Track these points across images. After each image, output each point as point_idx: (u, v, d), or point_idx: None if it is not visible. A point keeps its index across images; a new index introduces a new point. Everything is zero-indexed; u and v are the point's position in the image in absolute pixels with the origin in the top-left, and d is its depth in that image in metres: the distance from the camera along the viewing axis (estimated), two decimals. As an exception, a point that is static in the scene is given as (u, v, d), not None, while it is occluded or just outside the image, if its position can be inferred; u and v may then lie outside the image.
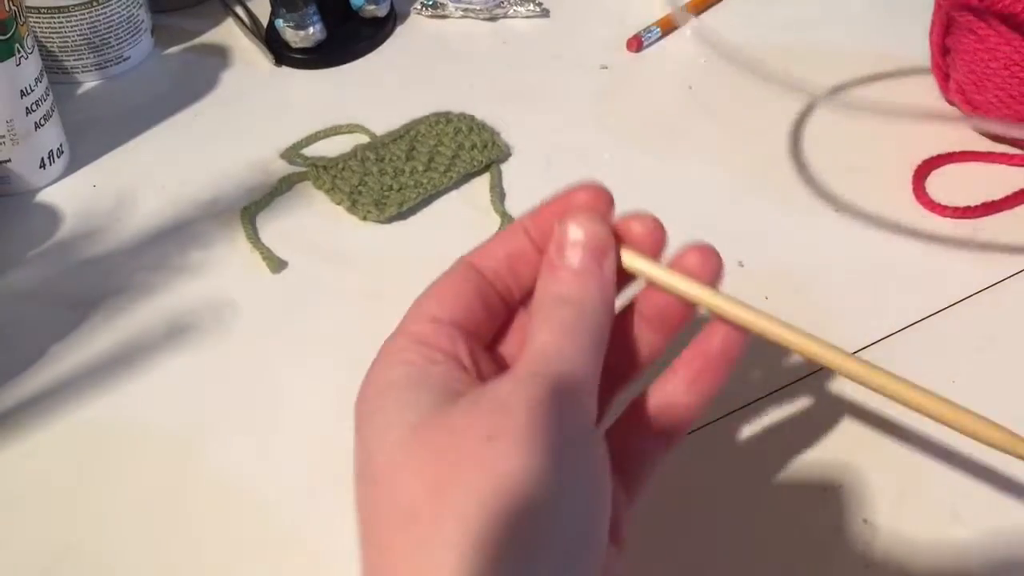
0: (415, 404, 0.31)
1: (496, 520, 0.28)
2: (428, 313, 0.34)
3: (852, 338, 0.50)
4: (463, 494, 0.28)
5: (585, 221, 0.34)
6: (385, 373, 0.33)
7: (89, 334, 0.51)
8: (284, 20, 0.67)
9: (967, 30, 0.57)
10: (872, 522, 0.43)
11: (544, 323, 0.33)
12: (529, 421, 0.29)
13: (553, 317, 0.33)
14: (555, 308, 0.33)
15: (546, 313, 0.33)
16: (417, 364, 0.33)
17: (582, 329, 0.32)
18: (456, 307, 0.34)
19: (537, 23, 0.72)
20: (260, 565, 0.42)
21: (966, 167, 0.59)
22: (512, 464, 0.29)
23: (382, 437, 0.31)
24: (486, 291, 0.35)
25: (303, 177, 0.59)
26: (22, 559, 0.43)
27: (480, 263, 0.36)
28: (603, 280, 0.34)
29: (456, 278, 0.35)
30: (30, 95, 0.57)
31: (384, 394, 0.32)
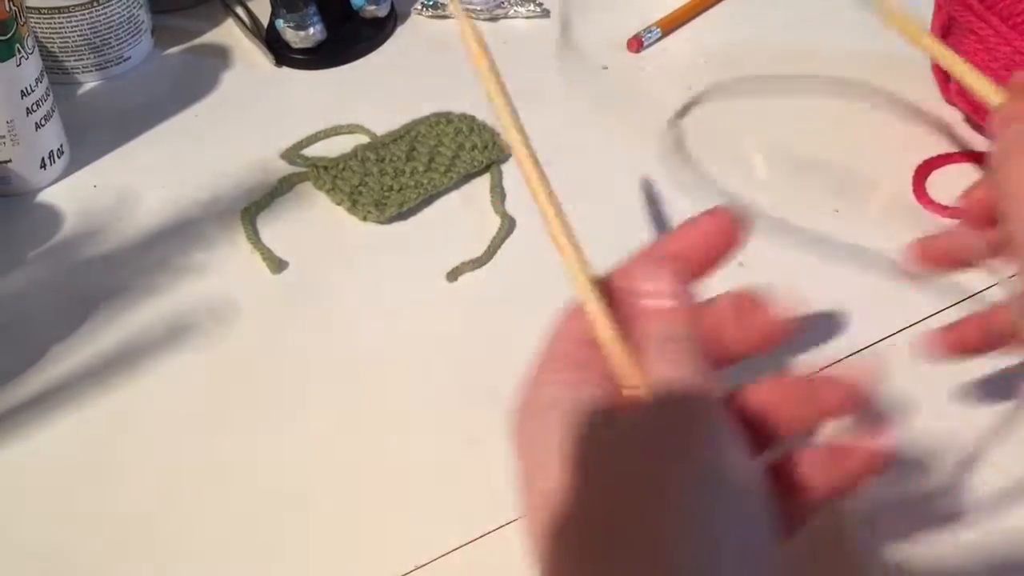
0: (574, 425, 0.32)
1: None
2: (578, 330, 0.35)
3: (852, 338, 0.50)
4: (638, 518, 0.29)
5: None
6: (543, 393, 0.34)
7: (90, 334, 0.51)
8: (284, 20, 0.67)
9: (967, 30, 0.57)
10: (873, 522, 0.43)
11: (659, 358, 0.33)
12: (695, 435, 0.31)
13: (666, 351, 0.33)
14: (666, 344, 0.33)
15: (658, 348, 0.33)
16: (570, 388, 0.33)
17: (694, 356, 0.33)
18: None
19: (537, 23, 0.72)
20: (260, 565, 0.42)
21: (966, 167, 0.59)
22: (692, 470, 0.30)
23: (547, 461, 0.32)
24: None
25: (303, 177, 0.59)
26: (22, 559, 0.43)
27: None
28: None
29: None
30: (31, 95, 0.57)
31: (543, 414, 0.33)
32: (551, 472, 0.31)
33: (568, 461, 0.31)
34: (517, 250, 0.55)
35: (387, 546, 0.43)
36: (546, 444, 0.32)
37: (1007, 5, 0.56)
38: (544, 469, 0.32)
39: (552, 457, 0.32)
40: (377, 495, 0.45)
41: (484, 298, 0.53)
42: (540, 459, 0.32)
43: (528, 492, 0.33)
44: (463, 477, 0.45)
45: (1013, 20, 0.55)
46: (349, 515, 0.44)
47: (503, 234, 0.56)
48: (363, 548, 0.43)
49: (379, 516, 0.44)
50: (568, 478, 0.31)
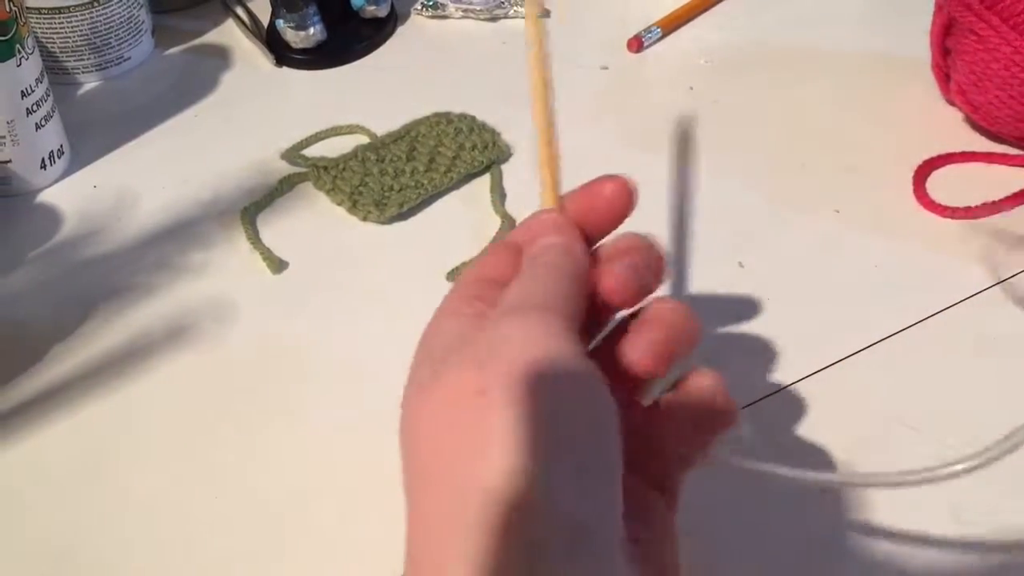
0: (431, 360, 0.34)
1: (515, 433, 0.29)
2: (474, 276, 0.37)
3: (852, 339, 0.50)
4: (497, 439, 0.29)
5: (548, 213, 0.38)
6: (429, 328, 0.36)
7: (90, 334, 0.51)
8: (285, 20, 0.67)
9: (968, 31, 0.57)
10: (872, 522, 0.43)
11: (527, 269, 0.35)
12: (521, 364, 0.30)
13: (532, 264, 0.35)
14: (533, 260, 0.36)
15: (527, 266, 0.36)
16: (464, 314, 0.35)
17: (557, 265, 0.35)
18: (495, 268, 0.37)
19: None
20: (259, 565, 0.42)
21: (966, 167, 0.59)
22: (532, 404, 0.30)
23: (407, 397, 0.34)
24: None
25: (304, 178, 0.59)
26: (23, 559, 0.43)
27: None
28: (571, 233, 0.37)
29: (496, 248, 0.38)
30: (31, 96, 0.57)
31: (420, 349, 0.35)
32: (406, 413, 0.33)
33: (411, 404, 0.33)
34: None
35: (387, 547, 0.43)
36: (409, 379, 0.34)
37: (1007, 5, 0.56)
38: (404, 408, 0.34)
39: (408, 396, 0.34)
40: (377, 495, 0.45)
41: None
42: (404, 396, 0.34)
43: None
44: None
45: (1013, 20, 0.55)
46: (349, 515, 0.44)
47: (503, 234, 0.56)
48: (363, 548, 0.43)
49: (379, 517, 0.44)
50: (413, 421, 0.33)
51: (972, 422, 0.46)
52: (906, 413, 0.47)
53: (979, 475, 0.44)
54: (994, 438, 0.35)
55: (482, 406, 0.30)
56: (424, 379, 0.33)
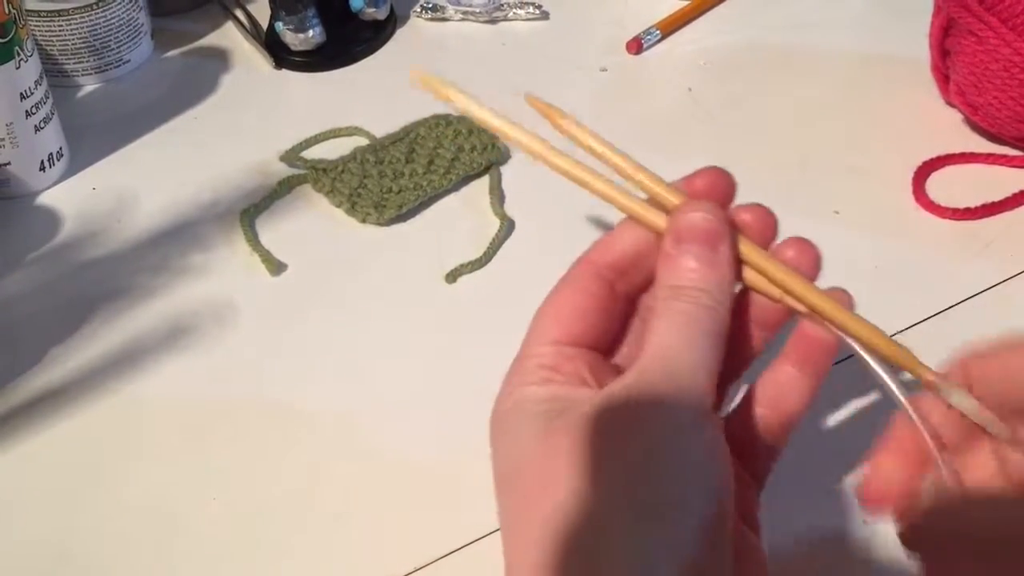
0: (540, 417, 0.33)
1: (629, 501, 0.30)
2: (549, 335, 0.35)
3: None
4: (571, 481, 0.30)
5: (699, 210, 0.34)
6: (511, 396, 0.34)
7: (89, 336, 0.51)
8: (284, 23, 0.67)
9: (967, 32, 0.57)
10: (872, 522, 0.43)
11: (661, 318, 0.33)
12: (633, 416, 0.31)
13: (668, 311, 0.33)
14: (671, 300, 0.33)
15: (663, 307, 0.33)
16: (539, 386, 0.34)
17: (696, 322, 0.33)
18: (576, 325, 0.35)
19: (537, 25, 0.72)
20: (259, 565, 0.42)
21: (966, 168, 0.59)
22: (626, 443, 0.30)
23: (514, 442, 0.33)
24: (607, 298, 0.36)
25: (303, 180, 0.59)
26: (22, 560, 0.43)
27: (599, 259, 0.36)
28: (718, 266, 0.34)
29: (575, 290, 0.36)
30: (30, 98, 0.57)
31: (513, 413, 0.34)
32: (524, 456, 0.32)
33: (532, 447, 0.32)
34: (516, 252, 0.55)
35: (386, 547, 0.43)
36: (517, 431, 0.33)
37: (1007, 7, 0.56)
38: (518, 454, 0.32)
39: (521, 443, 0.32)
40: (377, 496, 0.45)
41: (483, 300, 0.53)
42: (515, 445, 0.33)
43: (503, 479, 0.33)
44: (463, 478, 0.45)
45: (1013, 22, 0.55)
46: (349, 516, 0.44)
47: (502, 236, 0.56)
48: (362, 549, 0.43)
49: (379, 517, 0.44)
50: (535, 459, 0.32)
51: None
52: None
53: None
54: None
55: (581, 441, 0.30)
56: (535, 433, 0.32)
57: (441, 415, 0.48)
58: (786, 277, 0.35)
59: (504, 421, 0.34)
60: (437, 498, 0.45)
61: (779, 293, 0.35)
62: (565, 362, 0.34)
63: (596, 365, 0.35)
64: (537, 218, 0.57)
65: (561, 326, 0.35)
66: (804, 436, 0.47)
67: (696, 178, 0.36)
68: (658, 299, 0.34)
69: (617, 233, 0.36)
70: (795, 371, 0.35)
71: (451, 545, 0.43)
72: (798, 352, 0.35)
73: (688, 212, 0.34)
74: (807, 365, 0.35)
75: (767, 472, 0.37)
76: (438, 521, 0.44)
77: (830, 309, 0.35)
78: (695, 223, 0.34)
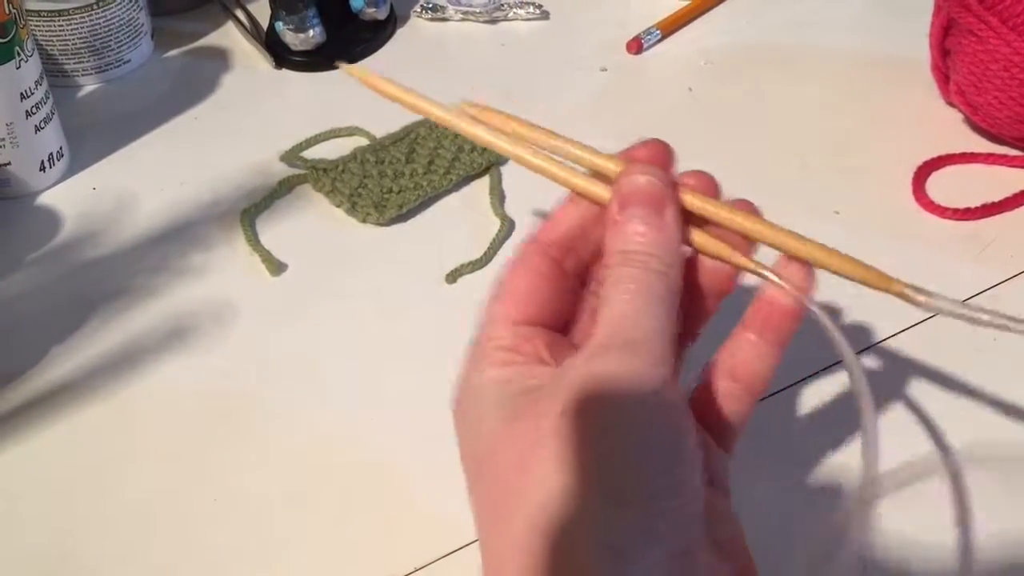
0: (504, 399, 0.33)
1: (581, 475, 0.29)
2: (503, 316, 0.35)
3: (853, 339, 0.50)
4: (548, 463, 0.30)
5: (643, 174, 0.34)
6: (470, 379, 0.34)
7: (89, 336, 0.51)
8: (284, 23, 0.67)
9: (967, 32, 0.57)
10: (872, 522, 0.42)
11: (613, 288, 0.33)
12: (596, 393, 0.30)
13: (620, 279, 0.33)
14: (621, 267, 0.33)
15: (615, 275, 0.33)
16: (497, 367, 0.34)
17: (648, 288, 0.33)
18: (530, 305, 0.35)
19: (537, 25, 0.73)
20: (259, 566, 0.42)
21: (966, 168, 0.59)
22: (588, 435, 0.30)
23: (478, 431, 0.33)
24: (557, 276, 0.36)
25: (303, 179, 0.59)
26: (22, 560, 0.43)
27: (546, 239, 0.36)
28: (665, 228, 0.34)
29: (526, 270, 0.36)
30: (30, 98, 0.57)
31: (473, 396, 0.34)
32: (481, 441, 0.33)
33: (491, 431, 0.32)
34: (517, 252, 0.55)
35: (386, 547, 0.43)
36: (478, 417, 0.33)
37: (1007, 6, 0.55)
38: (475, 439, 0.33)
39: (480, 429, 0.33)
40: (377, 496, 0.45)
41: (484, 300, 0.53)
42: (472, 431, 0.33)
43: (465, 466, 0.34)
44: (463, 478, 0.45)
45: (1013, 21, 0.55)
46: (349, 516, 0.44)
47: (503, 236, 0.56)
48: (362, 549, 0.43)
49: (379, 517, 0.44)
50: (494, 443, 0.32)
51: (972, 423, 0.46)
52: (906, 414, 0.47)
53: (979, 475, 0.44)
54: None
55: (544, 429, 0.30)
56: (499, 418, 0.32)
57: (441, 415, 0.47)
58: (734, 216, 0.35)
59: (466, 408, 0.34)
60: (437, 498, 0.45)
61: (728, 252, 0.35)
62: (523, 342, 0.34)
63: (553, 343, 0.35)
64: (537, 218, 0.57)
65: (515, 307, 0.35)
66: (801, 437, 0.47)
67: (636, 150, 0.36)
68: (608, 267, 0.33)
69: (560, 211, 0.37)
70: (756, 338, 0.35)
71: (451, 545, 0.43)
72: (759, 319, 0.35)
73: (631, 176, 0.34)
74: (767, 332, 0.35)
75: (734, 439, 0.37)
76: (438, 521, 0.44)
77: (782, 238, 0.35)
78: (639, 186, 0.34)
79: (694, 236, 0.35)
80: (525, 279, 0.36)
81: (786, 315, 0.35)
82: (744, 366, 0.36)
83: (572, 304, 0.37)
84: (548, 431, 0.30)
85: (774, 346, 0.36)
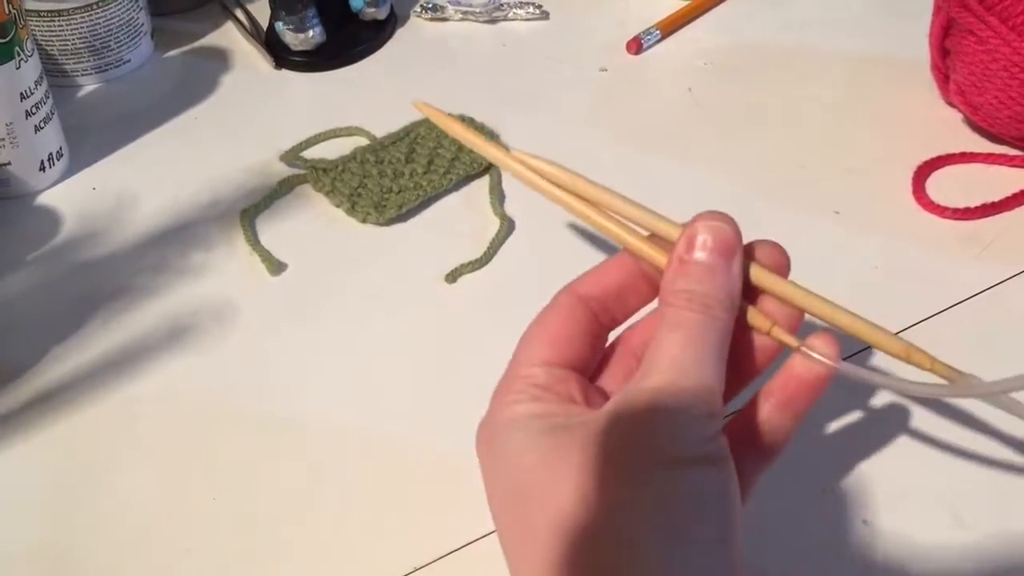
0: (545, 431, 0.33)
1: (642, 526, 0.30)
2: (539, 356, 0.36)
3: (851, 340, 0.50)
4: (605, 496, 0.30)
5: (717, 219, 0.35)
6: (505, 412, 0.35)
7: (89, 336, 0.51)
8: (284, 23, 0.67)
9: (967, 31, 0.57)
10: (872, 522, 0.43)
11: (672, 329, 0.33)
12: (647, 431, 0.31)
13: (680, 323, 0.33)
14: (682, 311, 0.33)
15: (674, 317, 0.33)
16: (534, 403, 0.34)
17: (707, 333, 0.33)
18: (565, 349, 0.36)
19: (536, 25, 0.73)
20: (259, 566, 0.42)
21: (966, 168, 0.59)
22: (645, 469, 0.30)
23: (518, 463, 0.33)
24: (593, 328, 0.37)
25: (303, 179, 0.59)
26: (23, 560, 0.43)
27: (587, 292, 0.37)
28: (730, 278, 0.34)
29: (564, 316, 0.36)
30: (30, 98, 0.57)
31: (510, 428, 0.34)
32: (526, 471, 0.33)
33: (539, 460, 0.32)
34: (517, 251, 0.55)
35: (387, 547, 0.43)
36: (519, 449, 0.33)
37: (1006, 6, 0.55)
38: (517, 471, 0.33)
39: (522, 461, 0.33)
40: (377, 496, 0.45)
41: (484, 300, 0.53)
42: (512, 464, 0.33)
43: (503, 500, 0.34)
44: (463, 478, 0.44)
45: (1012, 21, 0.55)
46: (349, 516, 0.44)
47: (502, 235, 0.56)
48: (363, 549, 0.43)
49: (379, 517, 0.44)
50: (543, 472, 0.32)
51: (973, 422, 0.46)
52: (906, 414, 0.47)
53: (980, 475, 0.44)
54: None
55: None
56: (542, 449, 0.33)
57: (441, 415, 0.48)
58: (794, 292, 0.35)
59: (499, 437, 0.34)
60: (437, 498, 0.45)
61: (769, 326, 0.35)
62: (556, 383, 0.35)
63: (584, 388, 0.36)
64: (537, 218, 0.57)
65: (551, 348, 0.36)
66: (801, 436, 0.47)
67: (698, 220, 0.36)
68: (667, 305, 0.33)
69: (605, 267, 0.37)
70: (777, 410, 0.35)
71: (451, 545, 0.43)
72: (783, 391, 0.35)
73: (706, 220, 0.35)
74: (790, 404, 0.35)
75: (747, 493, 0.37)
76: (438, 521, 0.44)
77: (845, 321, 0.35)
78: (713, 230, 0.34)
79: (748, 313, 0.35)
80: (562, 323, 0.36)
81: (812, 388, 0.35)
82: (764, 436, 0.36)
83: (601, 357, 0.38)
84: (595, 456, 0.31)
85: (795, 418, 0.36)
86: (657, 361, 0.32)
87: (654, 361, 0.32)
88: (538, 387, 0.35)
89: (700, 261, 0.34)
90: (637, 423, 0.31)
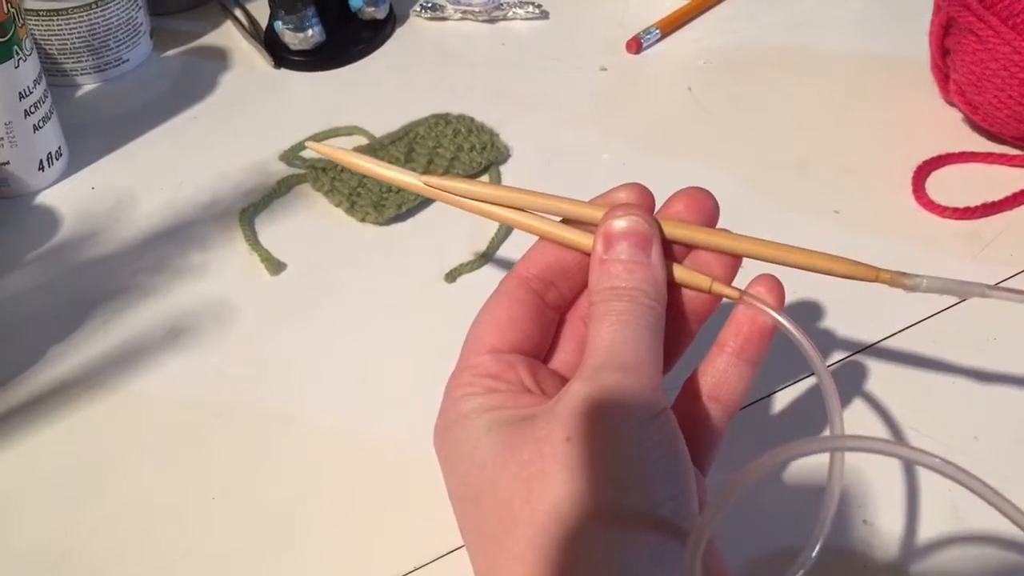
0: (494, 426, 0.33)
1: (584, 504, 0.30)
2: (486, 344, 0.36)
3: (852, 339, 0.50)
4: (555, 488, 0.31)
5: (627, 214, 0.35)
6: (456, 407, 0.35)
7: (88, 336, 0.51)
8: (283, 22, 0.67)
9: (967, 31, 0.57)
10: (872, 522, 0.43)
11: (602, 319, 0.34)
12: (598, 416, 0.31)
13: (610, 312, 0.34)
14: (610, 302, 0.34)
15: (603, 309, 0.34)
16: (483, 395, 0.35)
17: (637, 319, 0.34)
18: (512, 333, 0.36)
19: (536, 25, 0.72)
20: (259, 566, 0.42)
21: (966, 168, 0.59)
22: (594, 457, 0.31)
23: (471, 460, 0.33)
24: (538, 307, 0.37)
25: (302, 179, 0.59)
26: (22, 560, 0.43)
27: (527, 272, 0.37)
28: (652, 267, 0.35)
29: (508, 299, 0.37)
30: (29, 97, 0.57)
31: (461, 424, 0.34)
32: (476, 471, 0.33)
33: (489, 460, 0.33)
34: (516, 251, 0.55)
35: (387, 546, 0.43)
36: (471, 446, 0.34)
37: (1006, 5, 0.55)
38: (469, 470, 0.33)
39: (474, 459, 0.33)
40: (377, 495, 0.45)
41: (483, 299, 0.53)
42: (465, 462, 0.34)
43: (459, 496, 0.34)
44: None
45: (1012, 20, 0.55)
46: (349, 515, 0.44)
47: (502, 235, 0.56)
48: (363, 548, 0.43)
49: (378, 517, 0.44)
50: (493, 473, 0.32)
51: (973, 423, 0.46)
52: (906, 414, 0.47)
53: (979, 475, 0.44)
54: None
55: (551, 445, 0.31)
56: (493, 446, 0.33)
57: (441, 415, 0.47)
58: (710, 237, 0.36)
59: (451, 433, 0.35)
60: (437, 497, 0.44)
61: (708, 283, 0.36)
62: (506, 369, 0.35)
63: (535, 370, 0.36)
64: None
65: (497, 334, 0.36)
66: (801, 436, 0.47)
67: (615, 192, 0.38)
68: (595, 303, 0.35)
69: (542, 245, 0.38)
70: (733, 359, 0.36)
71: (451, 544, 0.43)
72: (735, 340, 0.36)
73: (616, 217, 0.35)
74: (744, 352, 0.36)
75: (711, 460, 0.38)
76: (438, 521, 0.43)
77: (767, 250, 0.37)
78: (624, 227, 0.35)
79: (676, 272, 0.36)
80: (506, 308, 0.37)
81: (763, 333, 0.36)
82: (724, 386, 0.37)
83: (551, 334, 0.38)
84: (552, 457, 0.31)
85: (751, 365, 0.37)
86: (594, 349, 0.33)
87: (590, 352, 0.33)
88: (487, 376, 0.35)
89: (619, 259, 0.35)
90: (583, 408, 0.32)
